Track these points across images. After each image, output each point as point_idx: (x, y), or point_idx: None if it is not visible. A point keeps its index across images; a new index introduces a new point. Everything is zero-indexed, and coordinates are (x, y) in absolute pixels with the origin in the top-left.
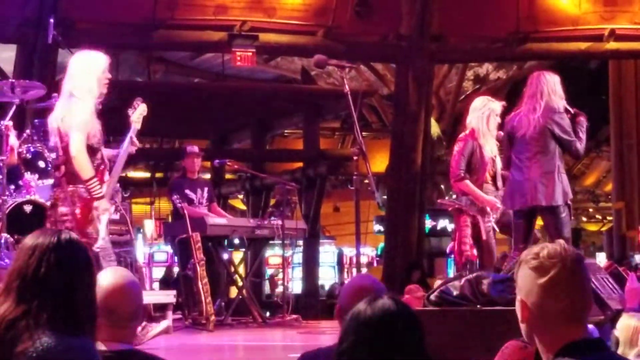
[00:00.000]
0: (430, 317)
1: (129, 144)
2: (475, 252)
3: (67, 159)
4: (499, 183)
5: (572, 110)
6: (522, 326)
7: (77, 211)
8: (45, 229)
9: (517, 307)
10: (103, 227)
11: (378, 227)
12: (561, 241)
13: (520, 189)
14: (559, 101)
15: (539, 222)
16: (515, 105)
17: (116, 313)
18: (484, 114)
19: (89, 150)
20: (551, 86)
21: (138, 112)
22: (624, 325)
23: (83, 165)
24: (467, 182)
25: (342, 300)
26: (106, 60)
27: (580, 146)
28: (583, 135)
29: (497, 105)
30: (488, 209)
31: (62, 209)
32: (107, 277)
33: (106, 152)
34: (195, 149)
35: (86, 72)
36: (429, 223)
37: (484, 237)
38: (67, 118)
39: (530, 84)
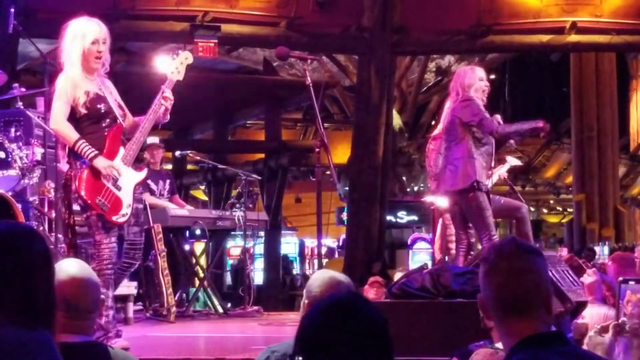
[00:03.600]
0: (391, 309)
1: (159, 102)
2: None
3: None
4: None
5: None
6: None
7: (79, 184)
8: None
9: None
10: (125, 195)
11: (339, 219)
12: (511, 235)
13: (442, 176)
14: (474, 94)
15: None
16: None
17: (75, 306)
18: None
19: (85, 119)
20: (463, 80)
21: (178, 61)
22: (594, 313)
23: (62, 133)
24: None
25: (315, 295)
26: (98, 29)
27: (492, 124)
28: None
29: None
30: None
31: (73, 187)
32: (66, 270)
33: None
34: (156, 140)
35: (70, 40)
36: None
37: None
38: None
39: (450, 81)
